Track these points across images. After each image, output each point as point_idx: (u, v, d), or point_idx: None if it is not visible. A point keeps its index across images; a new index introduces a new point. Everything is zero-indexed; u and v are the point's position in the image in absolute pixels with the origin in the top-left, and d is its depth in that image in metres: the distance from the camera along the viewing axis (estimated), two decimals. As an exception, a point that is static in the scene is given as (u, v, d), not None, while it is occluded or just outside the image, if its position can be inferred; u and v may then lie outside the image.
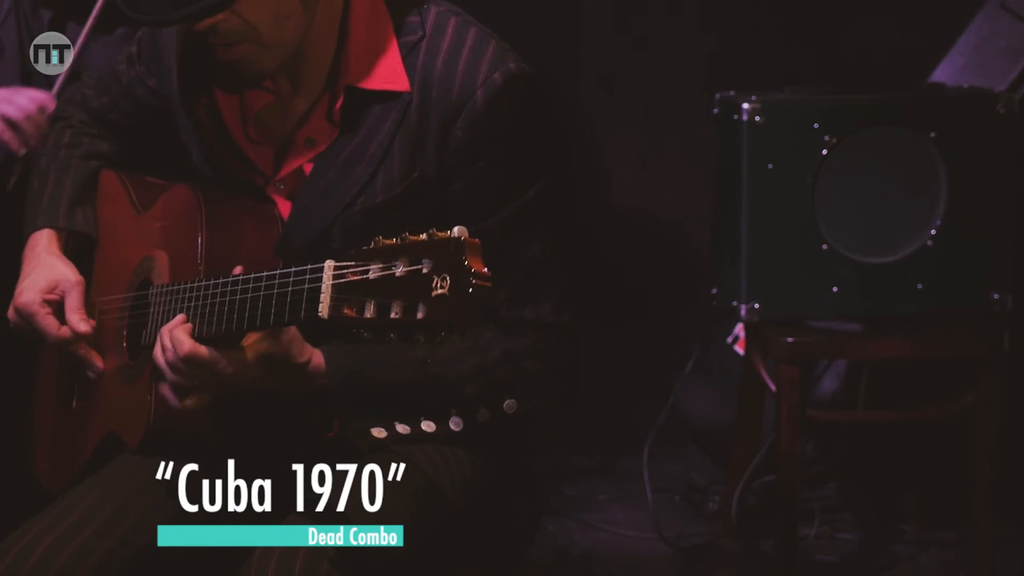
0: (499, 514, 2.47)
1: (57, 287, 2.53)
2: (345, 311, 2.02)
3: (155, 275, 2.47)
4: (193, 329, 2.28)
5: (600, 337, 4.85)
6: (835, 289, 3.69)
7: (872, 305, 3.72)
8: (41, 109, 3.07)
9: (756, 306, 3.69)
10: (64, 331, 2.51)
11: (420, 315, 1.95)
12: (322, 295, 2.04)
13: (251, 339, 2.26)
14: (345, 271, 2.03)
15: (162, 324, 2.32)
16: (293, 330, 2.27)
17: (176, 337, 2.25)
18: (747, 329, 3.88)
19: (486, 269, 1.96)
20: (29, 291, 2.53)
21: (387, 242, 2.01)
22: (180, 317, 2.29)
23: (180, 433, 2.40)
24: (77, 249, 2.62)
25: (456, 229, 1.97)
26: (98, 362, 2.53)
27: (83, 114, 2.70)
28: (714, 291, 3.84)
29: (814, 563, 4.00)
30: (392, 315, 1.97)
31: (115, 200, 2.63)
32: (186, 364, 2.25)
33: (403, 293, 1.97)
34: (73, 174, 2.64)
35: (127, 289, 2.53)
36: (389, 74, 2.38)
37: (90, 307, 2.55)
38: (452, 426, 2.39)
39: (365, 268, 2.01)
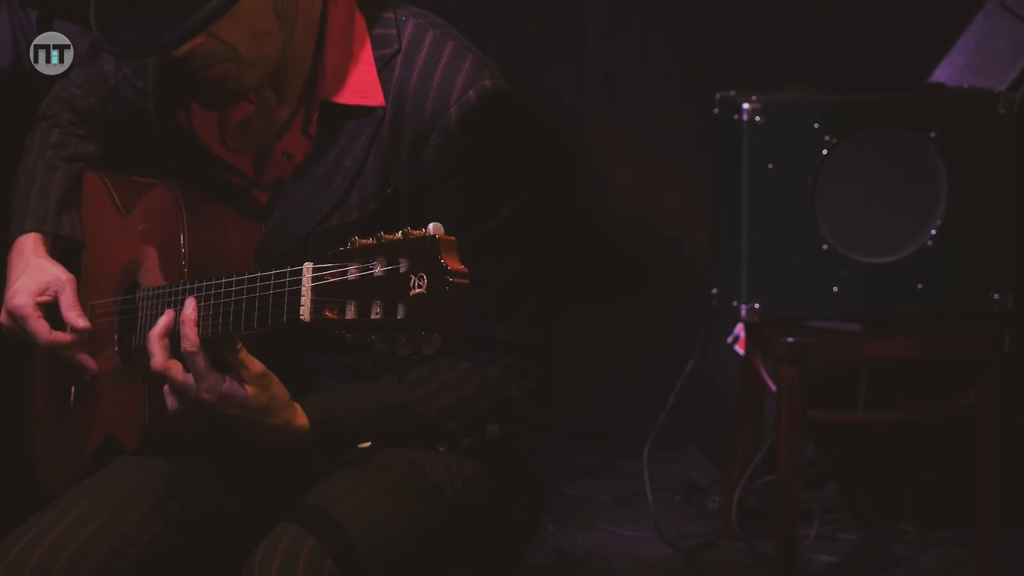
0: (499, 514, 2.46)
1: (49, 288, 2.49)
2: (326, 313, 2.00)
3: (141, 278, 2.44)
4: None
5: (600, 337, 4.85)
6: (835, 289, 3.69)
7: (872, 305, 3.72)
8: None
9: (756, 306, 3.69)
10: (55, 336, 2.47)
11: (400, 315, 1.93)
12: (302, 298, 2.02)
13: (246, 373, 2.20)
14: (324, 273, 2.01)
15: (151, 328, 2.28)
16: (283, 392, 2.24)
17: (185, 334, 2.22)
18: (747, 329, 3.87)
19: (463, 266, 1.94)
20: (22, 293, 2.48)
21: (364, 242, 1.99)
22: (169, 313, 2.25)
23: (175, 436, 2.39)
24: (64, 253, 2.58)
25: (432, 227, 1.94)
26: (92, 365, 2.49)
27: (70, 113, 2.66)
28: (714, 291, 3.84)
29: (814, 563, 4.00)
30: (373, 315, 1.95)
31: (99, 202, 2.60)
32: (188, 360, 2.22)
33: (382, 293, 1.95)
34: (60, 176, 2.60)
35: (115, 292, 2.50)
36: (364, 88, 2.33)
37: (83, 309, 2.52)
38: (439, 448, 2.40)
39: (344, 269, 1.99)
